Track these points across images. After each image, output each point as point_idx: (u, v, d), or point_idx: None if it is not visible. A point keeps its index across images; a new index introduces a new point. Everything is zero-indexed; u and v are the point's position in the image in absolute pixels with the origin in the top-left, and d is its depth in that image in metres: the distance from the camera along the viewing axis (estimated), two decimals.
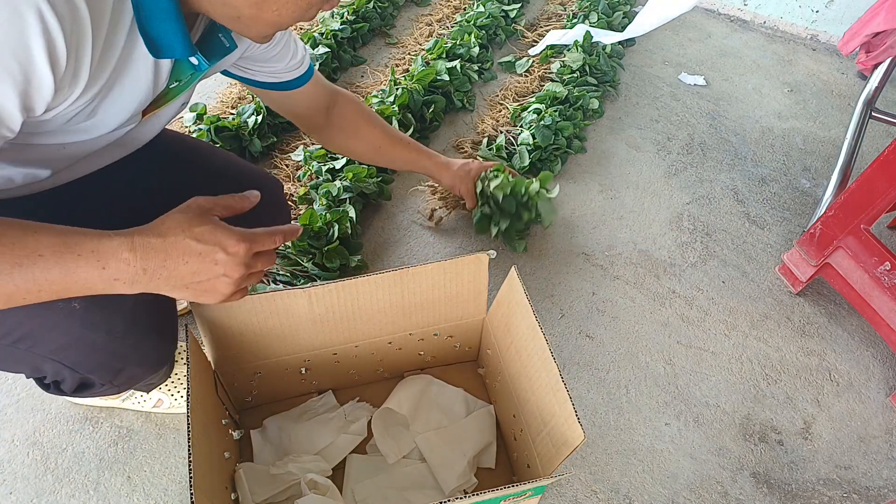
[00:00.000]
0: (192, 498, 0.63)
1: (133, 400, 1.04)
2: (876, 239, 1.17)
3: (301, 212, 1.37)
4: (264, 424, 1.01)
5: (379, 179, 1.44)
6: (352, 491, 0.95)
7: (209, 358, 0.88)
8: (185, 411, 0.69)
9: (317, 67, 1.73)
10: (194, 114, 1.56)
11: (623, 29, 1.97)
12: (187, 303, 1.21)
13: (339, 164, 1.42)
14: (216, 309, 0.83)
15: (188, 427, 0.68)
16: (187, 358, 0.76)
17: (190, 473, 0.64)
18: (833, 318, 1.33)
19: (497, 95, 1.81)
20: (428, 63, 1.77)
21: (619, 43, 1.96)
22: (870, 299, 1.20)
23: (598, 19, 2.01)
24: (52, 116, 0.54)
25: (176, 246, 0.52)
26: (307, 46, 1.78)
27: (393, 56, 1.94)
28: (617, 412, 1.14)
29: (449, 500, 0.68)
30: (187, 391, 0.71)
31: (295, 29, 1.97)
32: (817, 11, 2.16)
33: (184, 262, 0.53)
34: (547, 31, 2.03)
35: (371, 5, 1.99)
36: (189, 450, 0.66)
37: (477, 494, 0.71)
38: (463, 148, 1.64)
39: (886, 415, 1.18)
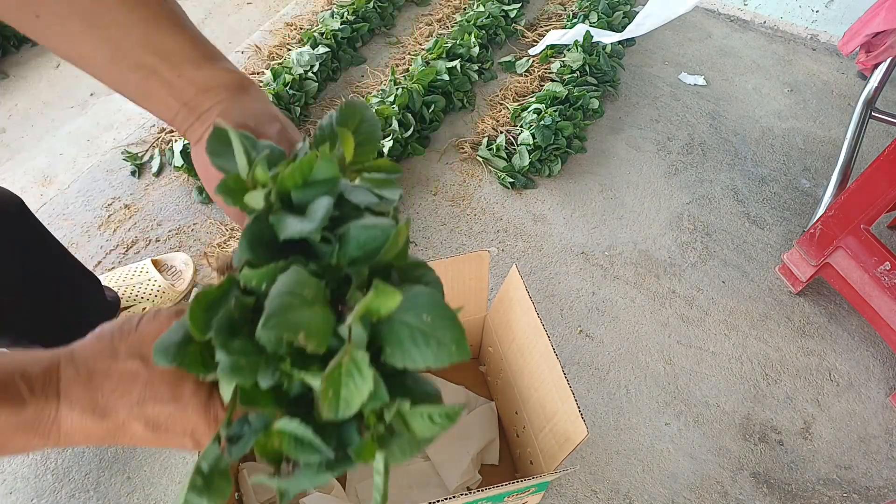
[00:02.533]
0: None
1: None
2: (876, 239, 1.18)
3: None
4: None
5: None
6: (355, 489, 0.95)
7: None
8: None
9: (317, 67, 1.74)
10: None
11: (623, 29, 1.97)
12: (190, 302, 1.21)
13: None
14: None
15: None
16: None
17: None
18: (833, 318, 1.33)
19: (497, 95, 1.81)
20: (428, 63, 1.77)
21: (619, 43, 1.96)
22: (870, 299, 1.20)
23: (599, 19, 2.01)
24: None
25: (124, 433, 0.37)
26: (308, 49, 1.78)
27: (393, 56, 1.94)
28: (617, 412, 1.14)
29: (452, 497, 0.68)
30: None
31: (296, 30, 1.97)
32: (817, 11, 2.16)
33: (135, 443, 0.40)
34: (547, 30, 2.03)
35: (371, 5, 1.99)
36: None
37: (481, 491, 0.71)
38: (463, 148, 1.64)
39: (886, 415, 1.18)
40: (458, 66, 1.75)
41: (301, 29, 1.95)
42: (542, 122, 1.57)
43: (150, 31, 0.45)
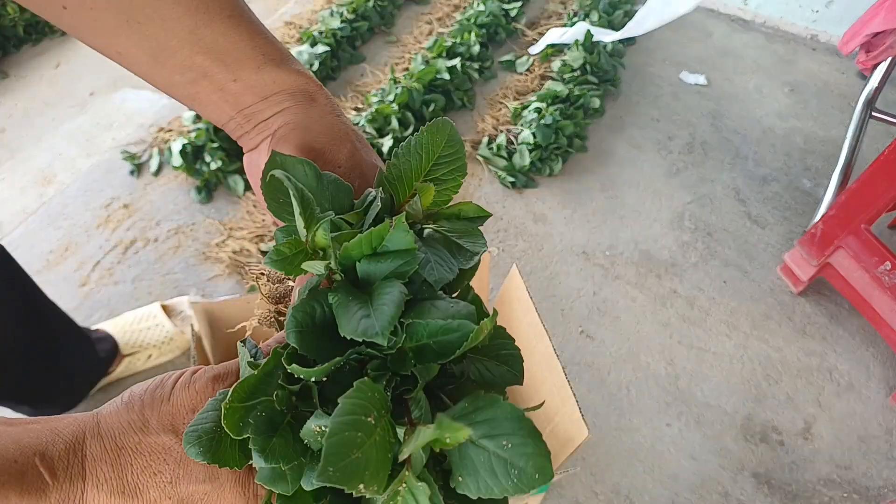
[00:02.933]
0: None
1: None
2: (876, 239, 1.17)
3: None
4: None
5: None
6: None
7: (209, 356, 0.88)
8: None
9: (316, 66, 1.74)
10: (194, 112, 1.56)
11: (624, 27, 1.97)
12: (188, 303, 1.20)
13: None
14: (217, 305, 0.83)
15: None
16: (192, 357, 0.76)
17: None
18: (834, 318, 1.33)
19: (497, 94, 1.81)
20: (428, 62, 1.77)
21: (620, 42, 1.96)
22: (870, 299, 1.20)
23: (599, 18, 2.01)
24: None
25: None
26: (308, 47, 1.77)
27: (393, 55, 1.94)
28: (618, 413, 1.14)
29: None
30: None
31: (295, 28, 1.97)
32: (817, 11, 2.16)
33: None
34: (547, 29, 2.02)
35: (371, 4, 1.98)
36: None
37: None
38: None
39: (886, 415, 1.18)
40: (458, 65, 1.74)
41: (300, 28, 1.95)
42: (543, 121, 1.57)
43: (199, 25, 0.37)
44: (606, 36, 1.91)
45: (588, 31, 1.87)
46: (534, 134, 1.55)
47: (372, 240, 0.30)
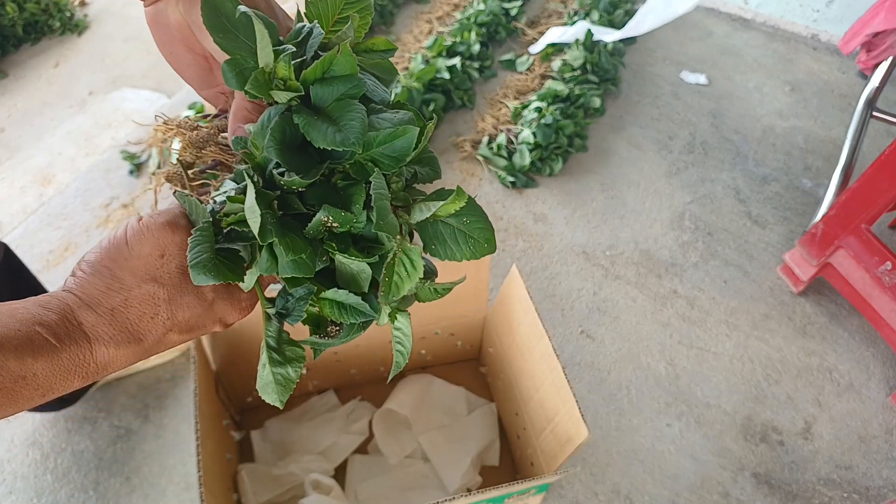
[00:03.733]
0: (201, 497, 0.62)
1: None
2: (877, 239, 1.17)
3: None
4: (265, 425, 1.01)
5: None
6: (355, 491, 0.94)
7: (209, 355, 0.88)
8: (193, 409, 0.69)
9: None
10: (193, 111, 1.56)
11: (624, 27, 1.97)
12: None
13: None
14: None
15: (196, 427, 0.68)
16: (192, 357, 0.76)
17: (199, 471, 0.64)
18: (834, 318, 1.33)
19: (497, 93, 1.81)
20: (428, 61, 1.77)
21: (620, 41, 1.96)
22: (870, 299, 1.20)
23: (600, 17, 2.01)
24: None
25: (160, 345, 0.38)
26: None
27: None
28: (618, 413, 1.14)
29: (452, 498, 0.68)
30: (195, 390, 0.71)
31: None
32: (818, 11, 2.16)
33: (170, 348, 0.41)
34: (548, 28, 2.02)
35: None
36: (197, 449, 0.66)
37: (481, 492, 0.71)
38: (463, 147, 1.63)
39: (886, 415, 1.18)
40: (459, 64, 1.74)
41: None
42: (543, 120, 1.57)
43: None
44: (607, 35, 1.91)
45: (588, 30, 1.87)
46: (534, 133, 1.54)
47: (323, 65, 0.35)
